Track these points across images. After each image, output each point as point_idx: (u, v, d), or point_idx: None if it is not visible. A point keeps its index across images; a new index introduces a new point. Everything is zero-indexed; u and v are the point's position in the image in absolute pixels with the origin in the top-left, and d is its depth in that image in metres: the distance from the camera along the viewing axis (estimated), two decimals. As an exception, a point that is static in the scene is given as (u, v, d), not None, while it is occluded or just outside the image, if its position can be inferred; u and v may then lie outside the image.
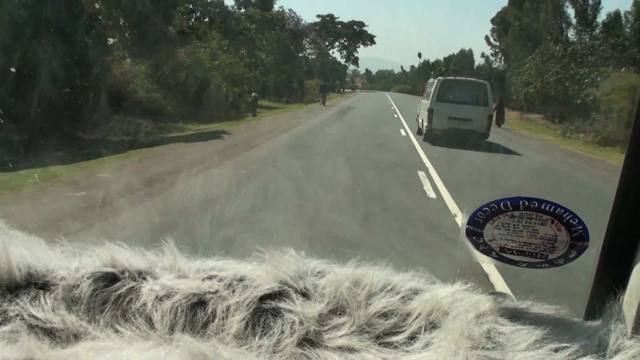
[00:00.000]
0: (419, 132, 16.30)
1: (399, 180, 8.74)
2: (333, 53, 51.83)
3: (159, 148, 10.99)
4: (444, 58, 48.84)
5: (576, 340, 0.71)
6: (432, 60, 60.28)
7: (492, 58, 38.39)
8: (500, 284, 3.86)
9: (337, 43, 51.66)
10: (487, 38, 36.92)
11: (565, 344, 0.70)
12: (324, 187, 7.57)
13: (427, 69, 55.40)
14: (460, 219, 0.93)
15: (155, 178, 7.54)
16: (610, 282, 0.80)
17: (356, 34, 51.95)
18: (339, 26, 51.16)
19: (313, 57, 42.35)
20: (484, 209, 0.80)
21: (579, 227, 0.77)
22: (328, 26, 49.88)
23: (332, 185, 7.72)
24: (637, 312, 0.75)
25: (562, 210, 0.77)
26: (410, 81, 67.67)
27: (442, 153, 12.42)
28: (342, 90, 55.53)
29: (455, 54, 48.11)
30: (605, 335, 0.71)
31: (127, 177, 7.56)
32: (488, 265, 3.80)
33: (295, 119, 19.13)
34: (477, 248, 0.83)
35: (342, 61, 53.81)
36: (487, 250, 0.83)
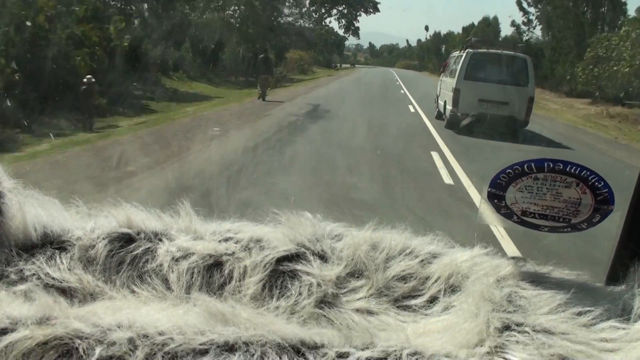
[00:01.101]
0: (438, 116, 12.92)
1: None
2: (330, 22, 43.72)
3: None
4: (463, 28, 40.79)
5: (599, 305, 0.70)
6: (443, 32, 54.18)
7: (524, 27, 29.37)
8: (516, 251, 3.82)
9: (334, 11, 43.20)
10: (519, 3, 28.24)
11: (588, 308, 0.69)
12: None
13: (437, 42, 51.15)
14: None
15: None
16: (635, 246, 0.78)
17: (357, 0, 43.32)
18: (337, -10, 42.30)
19: (290, 19, 31.91)
20: (507, 171, 0.78)
21: (605, 190, 0.75)
22: (324, -10, 41.29)
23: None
24: None
25: (588, 173, 0.75)
26: (416, 56, 65.67)
27: None
28: (337, 65, 45.94)
29: (476, 23, 39.79)
30: (630, 300, 0.70)
31: None
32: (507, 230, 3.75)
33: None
34: (499, 212, 0.82)
35: (341, 32, 45.24)
36: (508, 214, 0.82)
